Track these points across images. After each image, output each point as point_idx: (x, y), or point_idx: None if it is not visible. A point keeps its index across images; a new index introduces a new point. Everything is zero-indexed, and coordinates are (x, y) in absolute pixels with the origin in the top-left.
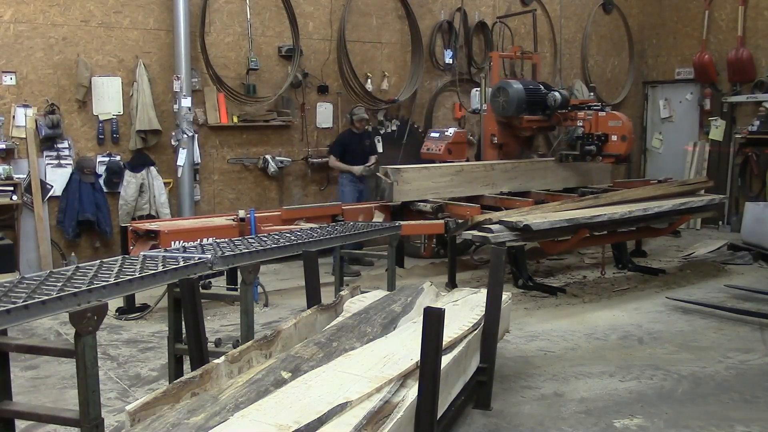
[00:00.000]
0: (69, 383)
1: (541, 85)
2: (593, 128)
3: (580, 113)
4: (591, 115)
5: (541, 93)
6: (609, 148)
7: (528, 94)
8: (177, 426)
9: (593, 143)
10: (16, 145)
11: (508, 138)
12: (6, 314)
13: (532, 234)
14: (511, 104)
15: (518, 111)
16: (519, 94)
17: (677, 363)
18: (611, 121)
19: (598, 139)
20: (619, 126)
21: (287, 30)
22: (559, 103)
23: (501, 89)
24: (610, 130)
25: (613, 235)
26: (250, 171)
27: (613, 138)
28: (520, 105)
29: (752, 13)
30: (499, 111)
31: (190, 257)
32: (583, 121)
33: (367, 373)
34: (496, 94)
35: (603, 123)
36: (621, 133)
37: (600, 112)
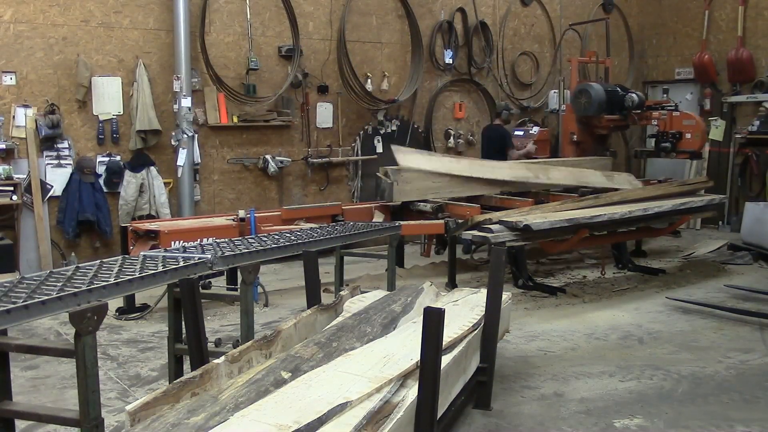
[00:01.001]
0: (69, 383)
1: (617, 87)
2: (668, 127)
3: (654, 113)
4: (665, 114)
5: (619, 94)
6: (683, 145)
7: (608, 95)
8: (177, 426)
9: (668, 140)
10: (16, 145)
11: (586, 136)
12: (6, 314)
13: (532, 234)
14: (593, 105)
15: (598, 111)
16: (600, 95)
17: (677, 363)
18: (685, 120)
19: (673, 136)
20: (693, 125)
21: (287, 30)
22: (636, 104)
23: (583, 91)
24: (684, 128)
25: (613, 235)
26: (250, 171)
27: (687, 136)
28: (601, 105)
29: (752, 13)
30: (581, 111)
31: (190, 257)
32: (658, 120)
33: (367, 373)
34: (578, 96)
35: (677, 122)
36: (695, 131)
37: (674, 112)
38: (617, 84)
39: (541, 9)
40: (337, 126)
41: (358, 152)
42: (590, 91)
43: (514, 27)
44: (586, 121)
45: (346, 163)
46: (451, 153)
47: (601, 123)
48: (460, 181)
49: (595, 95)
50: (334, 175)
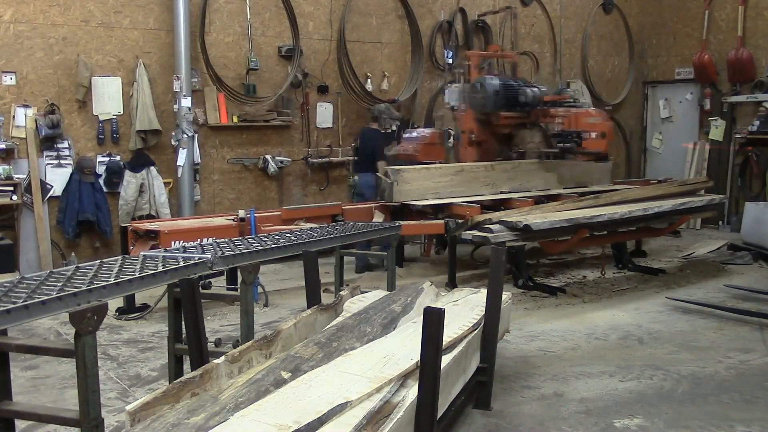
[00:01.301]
0: (69, 383)
1: (519, 81)
2: (571, 125)
3: (558, 110)
4: (568, 111)
5: (517, 89)
6: (587, 145)
7: (505, 89)
8: (177, 426)
9: (571, 140)
10: (16, 145)
11: (486, 135)
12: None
13: (532, 234)
14: (488, 100)
15: (495, 107)
16: (495, 89)
17: (677, 363)
18: (588, 118)
19: (577, 135)
20: (597, 123)
21: (287, 30)
22: (531, 99)
23: (478, 85)
24: (587, 127)
25: (613, 235)
26: (250, 171)
27: (592, 135)
28: (497, 101)
29: (752, 13)
30: (477, 107)
31: (190, 257)
32: (561, 118)
33: (367, 373)
34: (473, 90)
35: (580, 120)
36: (600, 130)
37: (577, 109)
38: (519, 78)
39: (541, 9)
40: (337, 126)
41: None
42: (485, 85)
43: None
44: (485, 119)
45: (346, 163)
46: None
47: (499, 121)
48: (460, 181)
49: (490, 89)
50: (334, 175)
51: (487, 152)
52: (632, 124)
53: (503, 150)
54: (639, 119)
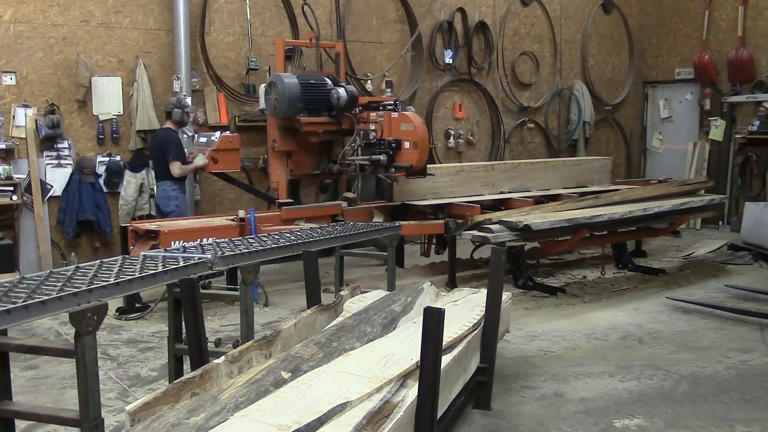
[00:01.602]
0: (69, 383)
1: (328, 78)
2: (385, 133)
3: (372, 114)
4: (383, 116)
5: (323, 89)
6: (401, 158)
7: (304, 90)
8: (177, 426)
9: (383, 151)
10: (16, 145)
11: (293, 145)
12: (6, 314)
13: (532, 234)
14: (282, 102)
15: (292, 111)
16: (292, 89)
17: (677, 363)
18: (403, 123)
19: (389, 146)
20: (410, 130)
21: (287, 30)
22: (344, 102)
23: (272, 84)
24: (402, 135)
25: (613, 235)
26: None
27: (405, 145)
28: (293, 103)
29: (752, 13)
30: (271, 111)
31: (190, 257)
32: (375, 123)
33: (367, 373)
34: (269, 91)
35: (395, 126)
36: (412, 140)
37: (393, 113)
38: (329, 74)
39: (541, 9)
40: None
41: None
42: (279, 85)
43: (514, 27)
44: (288, 124)
45: None
46: (451, 153)
47: (301, 128)
48: (460, 181)
49: (284, 89)
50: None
51: (297, 165)
52: (632, 124)
53: (317, 162)
54: (639, 119)
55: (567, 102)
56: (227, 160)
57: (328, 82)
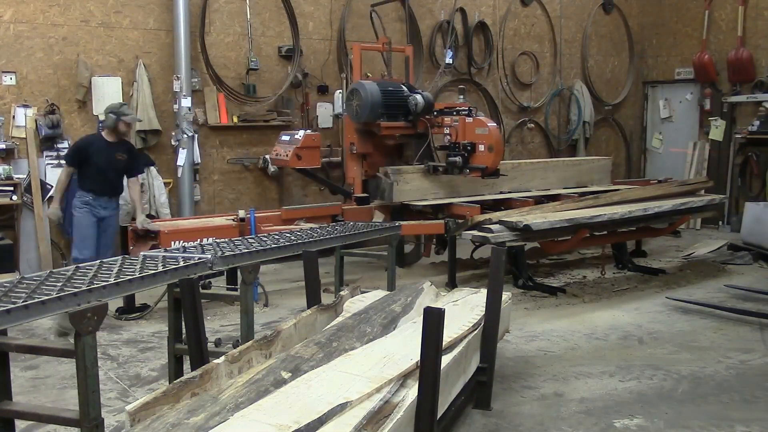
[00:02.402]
0: (69, 383)
1: (404, 86)
2: (460, 136)
3: (446, 119)
4: (458, 121)
5: (401, 95)
6: (476, 160)
7: (385, 96)
8: (177, 426)
9: (459, 154)
10: (16, 145)
11: (370, 147)
12: (6, 314)
13: (532, 234)
14: (365, 108)
15: (373, 116)
16: (373, 96)
17: (677, 363)
18: (478, 128)
19: (464, 149)
20: (485, 134)
21: (287, 30)
22: (421, 108)
23: (354, 91)
24: (477, 138)
25: (613, 235)
26: (250, 171)
27: (480, 148)
28: (375, 109)
29: (752, 13)
30: (354, 116)
31: (190, 257)
32: (450, 128)
33: (367, 373)
34: (351, 97)
35: (470, 130)
36: (488, 143)
37: (467, 117)
38: (405, 82)
39: (541, 9)
40: (337, 126)
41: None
42: (361, 92)
43: (514, 27)
44: (367, 128)
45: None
46: None
47: (380, 131)
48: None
49: (366, 96)
50: (334, 175)
51: (372, 166)
52: (632, 124)
53: (393, 163)
54: (639, 119)
55: (567, 102)
56: (309, 157)
57: (404, 89)
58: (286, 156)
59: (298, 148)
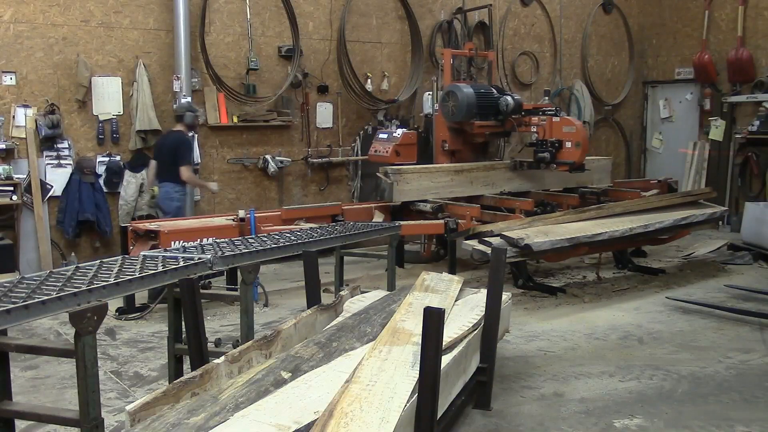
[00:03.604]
0: (69, 383)
1: (493, 88)
2: (547, 134)
3: (534, 118)
4: (545, 120)
5: (493, 97)
6: (563, 156)
7: (479, 98)
8: (177, 426)
9: (547, 150)
10: (16, 145)
11: (460, 144)
12: (6, 314)
13: (532, 253)
14: (461, 109)
15: (468, 116)
16: (469, 98)
17: (677, 363)
18: (565, 126)
19: (552, 145)
20: (572, 132)
21: (287, 30)
22: (511, 108)
23: (450, 93)
24: (564, 136)
25: (614, 243)
26: (250, 171)
27: (567, 145)
28: (471, 110)
29: (752, 13)
30: (449, 116)
31: (190, 257)
32: (537, 126)
33: None
34: (446, 99)
35: (557, 129)
36: (575, 140)
37: (554, 117)
38: (493, 84)
39: (541, 9)
40: (337, 126)
41: (358, 152)
42: (458, 94)
43: (514, 27)
44: (458, 127)
45: (346, 163)
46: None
47: (473, 130)
48: (460, 181)
49: (462, 98)
50: (334, 175)
51: (461, 161)
52: (632, 124)
53: (478, 159)
54: (639, 119)
55: (567, 102)
56: (407, 153)
57: (494, 91)
58: (385, 152)
59: (397, 145)
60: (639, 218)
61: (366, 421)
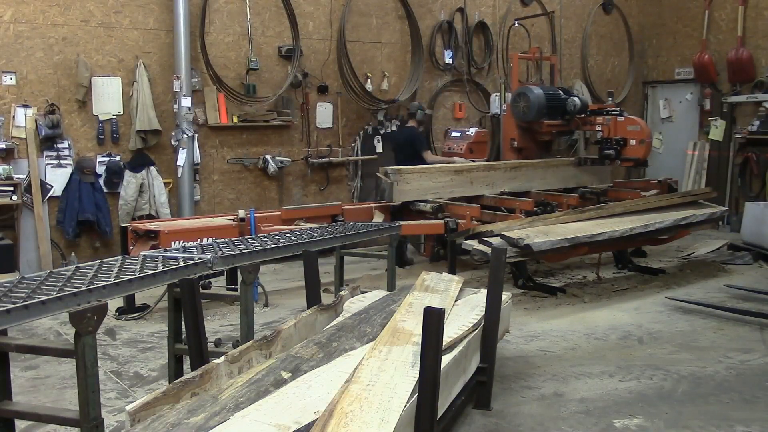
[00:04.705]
0: (69, 383)
1: (560, 90)
2: (612, 133)
3: (598, 118)
4: (609, 119)
5: (561, 98)
6: (628, 152)
7: (548, 99)
8: (177, 426)
9: (612, 147)
10: (16, 145)
11: (527, 142)
12: (6, 314)
13: (533, 253)
14: (532, 109)
15: (538, 116)
16: (539, 99)
17: (677, 363)
18: (630, 125)
19: (617, 143)
20: (637, 131)
21: (287, 30)
22: (578, 108)
23: (522, 95)
24: (628, 134)
25: (614, 243)
26: (250, 171)
27: (632, 142)
28: (541, 110)
29: (752, 13)
30: (520, 116)
31: (190, 257)
32: (602, 125)
33: None
34: (517, 100)
35: (621, 127)
36: (639, 138)
37: (618, 117)
38: (560, 86)
39: (541, 9)
40: (337, 126)
41: (358, 152)
42: (529, 95)
43: (514, 27)
44: (527, 126)
45: (346, 163)
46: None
47: (542, 129)
48: (460, 182)
49: (534, 99)
50: (334, 175)
51: (526, 158)
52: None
53: (543, 155)
54: None
55: None
56: (480, 150)
57: (561, 93)
58: (460, 150)
59: (471, 143)
60: (639, 218)
61: (366, 421)
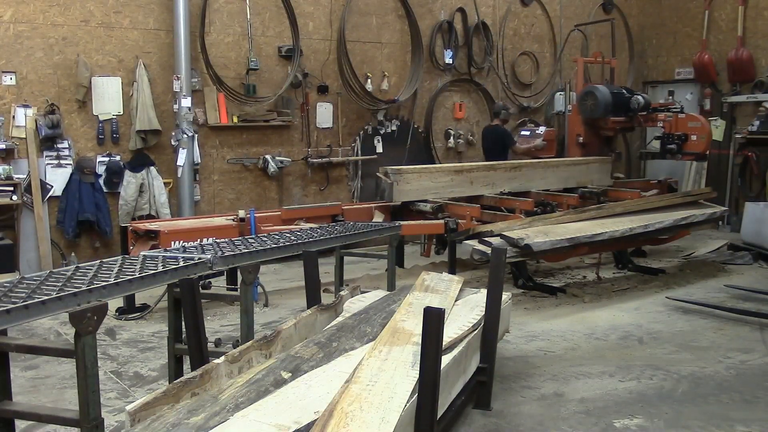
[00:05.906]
0: (69, 383)
1: (623, 89)
2: (673, 129)
3: (660, 115)
4: (671, 116)
5: (625, 96)
6: (689, 147)
7: (614, 97)
8: (177, 426)
9: (674, 142)
10: (16, 145)
11: (592, 137)
12: (6, 314)
13: (533, 253)
14: (599, 107)
15: (605, 113)
16: (606, 97)
17: (677, 363)
18: (691, 122)
19: (679, 138)
20: (698, 127)
21: (287, 30)
22: (642, 106)
23: (589, 93)
24: (689, 130)
25: (614, 243)
26: (250, 171)
27: (693, 138)
28: (607, 107)
29: (752, 13)
30: (587, 113)
31: (190, 257)
32: (664, 122)
33: None
34: (585, 98)
35: (683, 124)
36: (700, 134)
37: (680, 114)
38: (623, 86)
39: (541, 9)
40: (337, 126)
41: (358, 152)
42: (596, 94)
43: (514, 27)
44: (592, 122)
45: (346, 163)
46: (451, 153)
47: (607, 125)
48: (460, 181)
49: (601, 97)
50: (334, 175)
51: (589, 153)
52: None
53: (604, 150)
54: None
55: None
56: (548, 147)
57: (624, 91)
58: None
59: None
60: (639, 218)
61: (366, 421)
